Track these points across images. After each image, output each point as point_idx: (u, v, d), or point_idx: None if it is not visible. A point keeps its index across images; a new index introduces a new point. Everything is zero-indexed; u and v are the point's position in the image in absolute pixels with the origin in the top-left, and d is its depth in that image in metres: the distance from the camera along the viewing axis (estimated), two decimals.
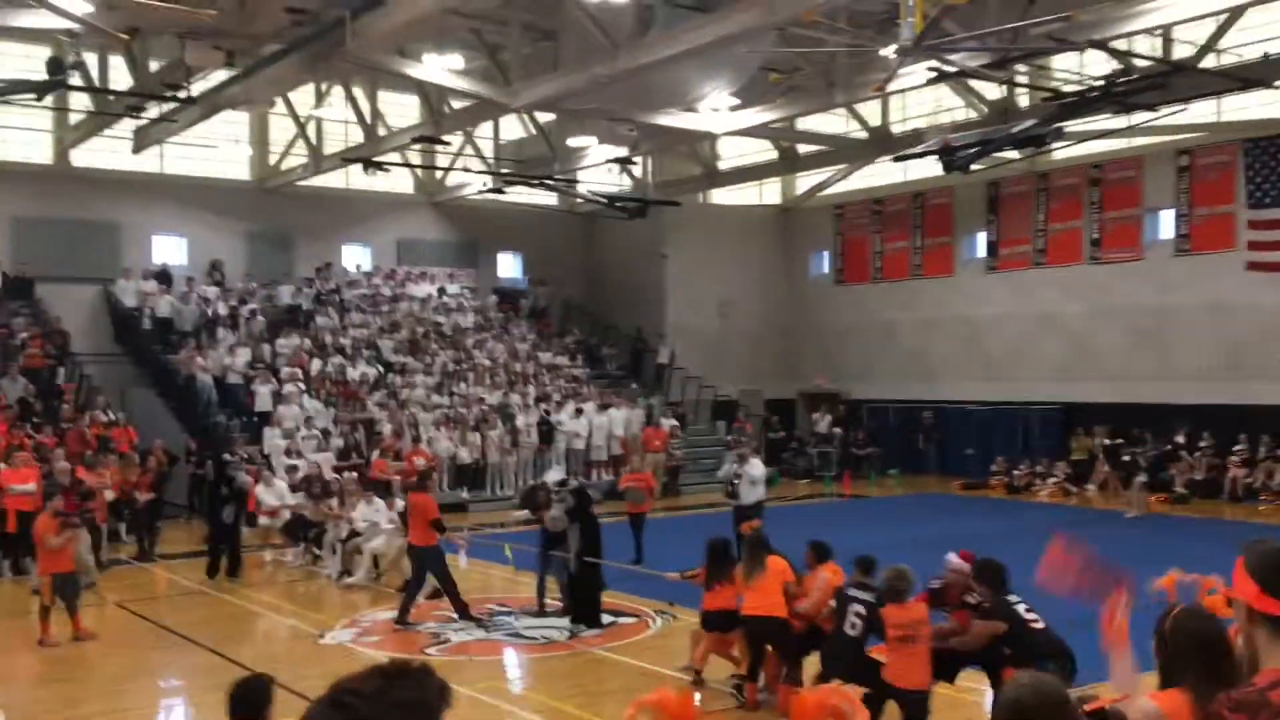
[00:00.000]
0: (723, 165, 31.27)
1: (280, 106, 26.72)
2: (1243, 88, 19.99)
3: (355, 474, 19.35)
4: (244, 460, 18.53)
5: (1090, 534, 17.99)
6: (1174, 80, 18.21)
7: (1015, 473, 26.20)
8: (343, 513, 16.26)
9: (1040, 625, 7.80)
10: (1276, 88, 20.39)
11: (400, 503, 15.54)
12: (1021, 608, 7.87)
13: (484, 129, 28.13)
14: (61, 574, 12.15)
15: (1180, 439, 24.20)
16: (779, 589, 9.33)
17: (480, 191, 28.84)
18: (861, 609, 8.32)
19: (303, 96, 26.58)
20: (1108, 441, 24.98)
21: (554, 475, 16.50)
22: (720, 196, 33.51)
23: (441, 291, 30.69)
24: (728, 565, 9.92)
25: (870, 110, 26.77)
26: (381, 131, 25.96)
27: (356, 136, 26.52)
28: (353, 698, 1.70)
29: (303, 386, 24.36)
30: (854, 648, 8.28)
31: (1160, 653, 3.42)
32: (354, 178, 28.94)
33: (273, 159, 29.40)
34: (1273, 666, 2.66)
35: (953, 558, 8.68)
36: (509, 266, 33.50)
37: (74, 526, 12.55)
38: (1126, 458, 22.88)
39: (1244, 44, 21.24)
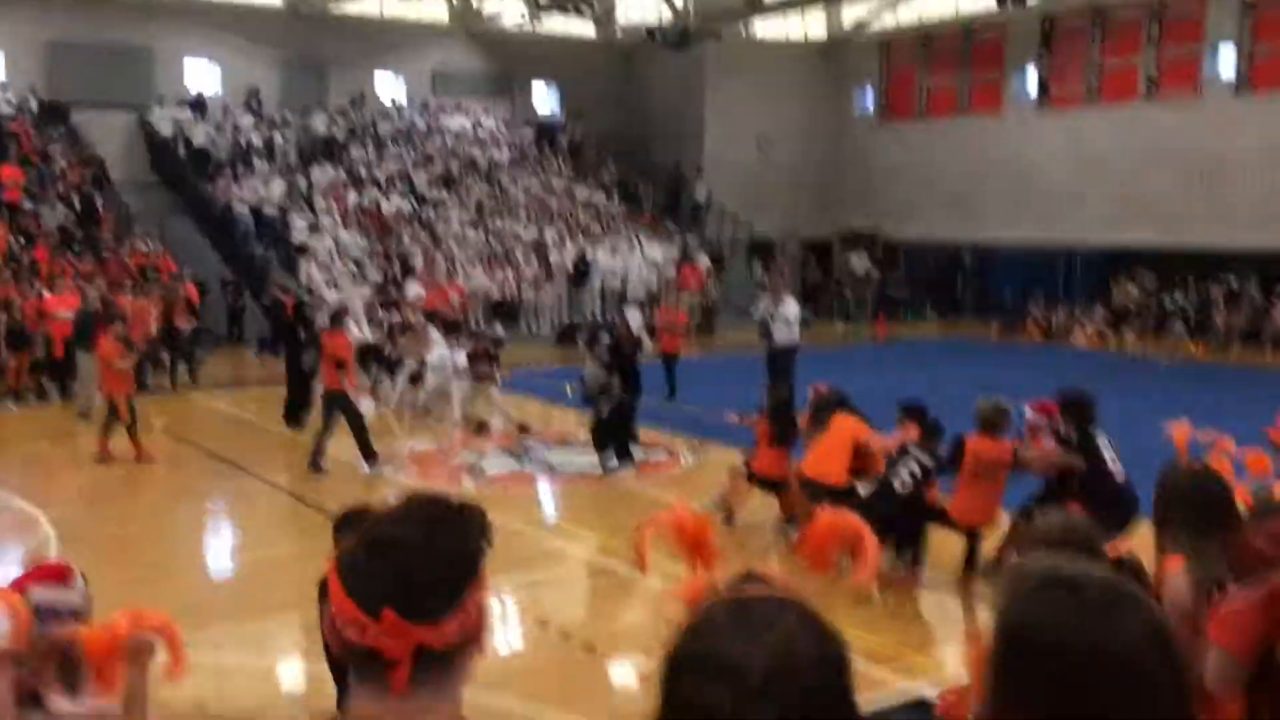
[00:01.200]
0: None
1: None
2: None
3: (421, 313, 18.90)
4: (284, 290, 18.50)
5: (1123, 382, 17.96)
6: None
7: (1053, 317, 25.98)
8: (419, 348, 15.58)
9: (1119, 476, 7.59)
10: None
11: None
12: (1107, 451, 7.68)
13: None
14: (129, 394, 12.52)
15: (1225, 286, 23.81)
16: (843, 452, 8.73)
17: (517, 23, 28.11)
18: (918, 469, 8.15)
19: None
20: (1145, 289, 24.63)
21: (633, 317, 15.92)
22: (763, 30, 32.45)
23: (477, 125, 30.24)
24: (790, 424, 9.55)
25: None
26: None
27: None
28: (396, 550, 1.62)
29: (338, 219, 24.34)
30: (897, 502, 8.11)
31: (1156, 510, 3.35)
32: (388, 4, 28.23)
33: None
34: None
35: (1029, 412, 8.36)
36: (545, 100, 32.87)
37: (136, 350, 12.87)
38: (1166, 304, 22.61)
39: None
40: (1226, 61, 24.33)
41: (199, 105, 26.59)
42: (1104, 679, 1.27)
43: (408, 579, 1.59)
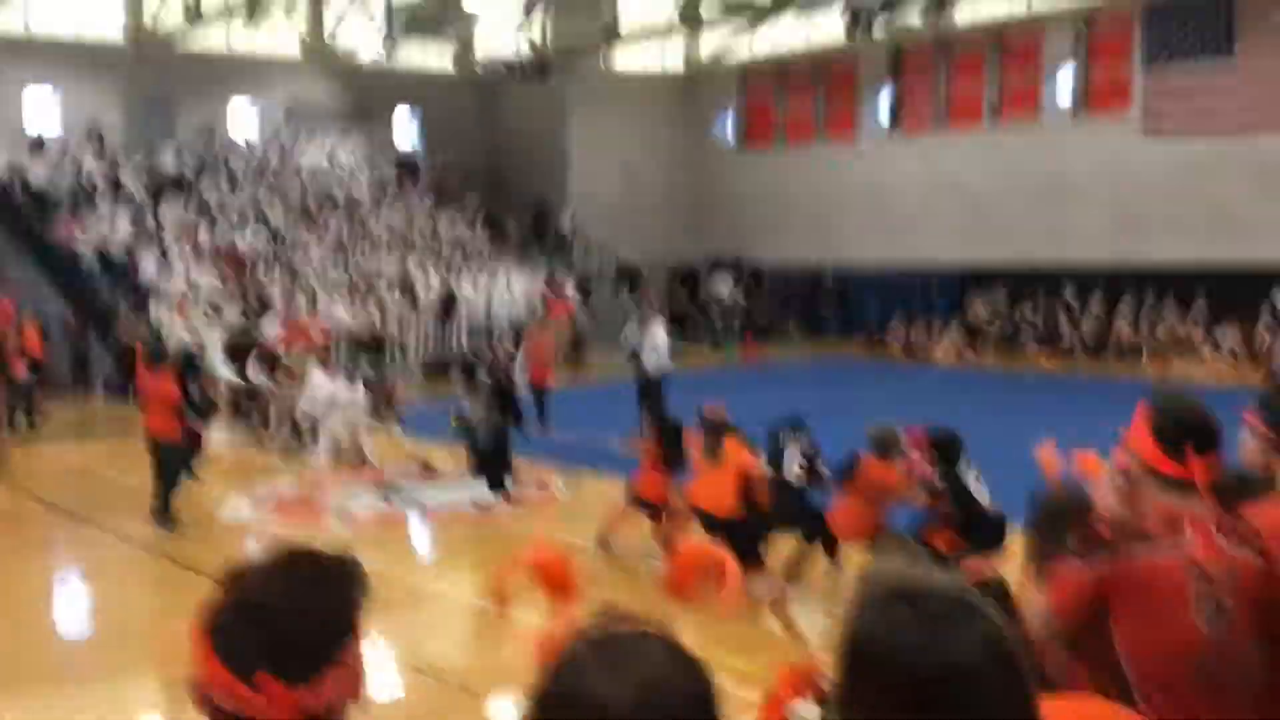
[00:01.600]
0: (624, 27, 30.46)
1: None
2: None
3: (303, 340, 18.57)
4: (133, 330, 17.71)
5: (980, 396, 18.54)
6: None
7: (913, 334, 26.72)
8: (295, 382, 15.15)
9: (986, 503, 7.66)
10: None
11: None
12: (973, 483, 7.72)
13: None
14: None
15: (1070, 300, 24.88)
16: (734, 483, 8.53)
17: (372, 55, 27.75)
18: (801, 457, 8.28)
19: None
20: (997, 306, 25.57)
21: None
22: (623, 63, 32.74)
23: (333, 158, 29.65)
24: (678, 447, 9.37)
25: None
26: None
27: None
28: (267, 611, 1.55)
29: (191, 258, 23.50)
30: (792, 493, 8.23)
31: (1026, 538, 3.46)
32: (236, 39, 27.50)
33: (147, 17, 27.70)
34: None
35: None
36: (405, 133, 32.48)
37: None
38: (1017, 320, 23.53)
39: None
40: (1064, 87, 25.51)
41: (37, 144, 25.42)
42: (941, 691, 1.28)
43: (282, 641, 1.53)
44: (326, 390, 14.21)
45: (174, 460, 11.21)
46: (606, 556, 9.48)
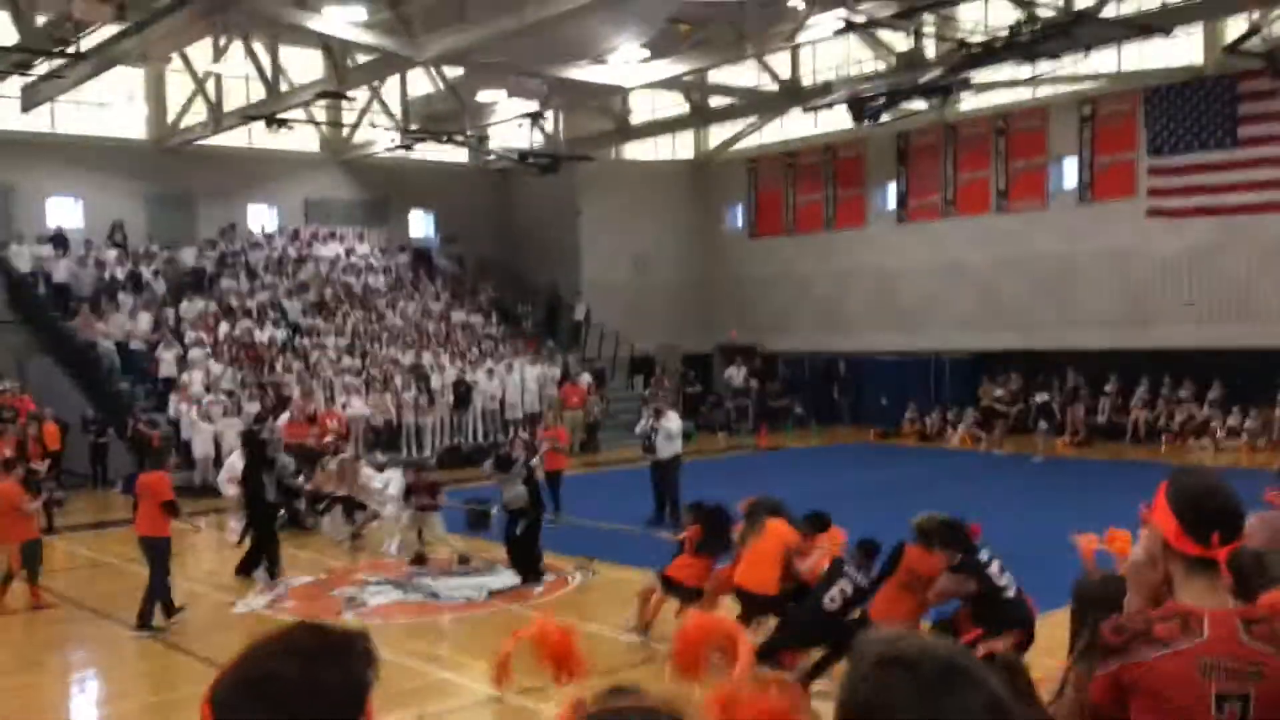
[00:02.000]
0: (634, 120, 31.07)
1: (177, 62, 25.83)
2: (1142, 35, 20.36)
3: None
4: (150, 425, 17.91)
5: (996, 480, 18.46)
6: (1076, 29, 18.47)
7: (927, 420, 26.68)
8: (344, 482, 15.60)
9: (1011, 592, 7.54)
10: (1175, 36, 20.80)
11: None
12: (994, 567, 7.61)
13: (391, 85, 27.50)
14: (31, 540, 11.92)
15: (1080, 384, 24.85)
16: (776, 560, 8.60)
17: (389, 149, 28.31)
18: (850, 589, 8.01)
19: (200, 51, 25.69)
20: (1010, 390, 25.55)
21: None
22: (633, 152, 33.31)
23: (351, 251, 30.11)
24: (723, 531, 9.35)
25: (780, 63, 26.73)
26: (284, 87, 25.21)
27: (258, 93, 25.73)
28: (274, 685, 1.50)
29: (209, 351, 23.78)
30: (823, 619, 7.99)
31: (1072, 622, 3.52)
32: (257, 136, 28.09)
33: (170, 117, 28.41)
34: (1178, 602, 2.63)
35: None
36: (421, 225, 33.00)
37: (39, 491, 12.89)
38: (1027, 402, 23.49)
39: None
40: (1070, 173, 25.82)
41: (59, 240, 25.91)
42: None
43: (290, 717, 1.48)
44: (382, 483, 14.66)
45: (160, 558, 11.06)
46: (643, 643, 9.44)
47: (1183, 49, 23.26)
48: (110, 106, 26.25)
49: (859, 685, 1.35)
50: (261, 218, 29.99)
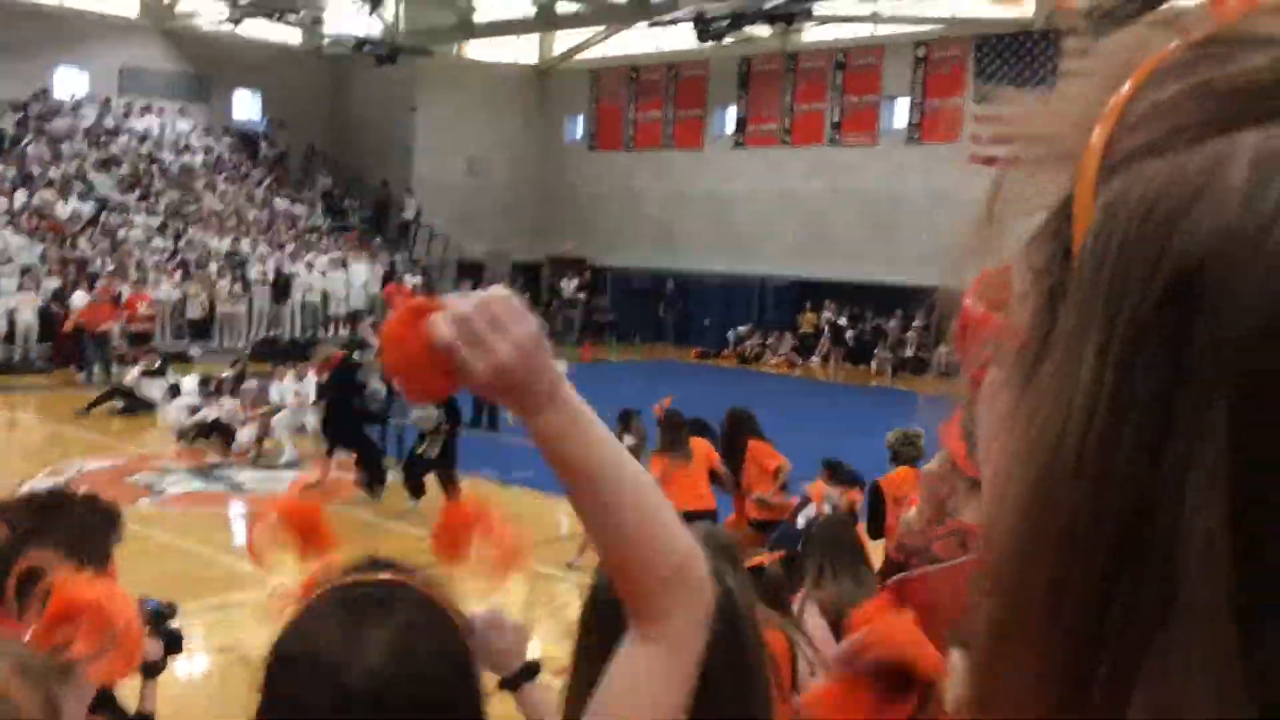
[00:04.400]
0: (478, 18, 30.24)
1: None
2: None
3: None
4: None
5: (827, 406, 19.12)
6: None
7: (748, 344, 27.36)
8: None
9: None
10: None
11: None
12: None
13: None
14: None
15: (895, 320, 25.93)
16: (705, 476, 7.99)
17: (216, 22, 26.79)
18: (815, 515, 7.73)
19: None
20: (835, 319, 26.44)
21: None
22: (475, 52, 32.48)
23: (167, 127, 28.49)
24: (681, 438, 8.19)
25: None
26: None
27: None
28: (9, 525, 1.57)
29: (5, 220, 22.26)
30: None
31: (804, 555, 3.88)
32: None
33: None
34: (960, 519, 2.79)
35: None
36: (246, 107, 31.43)
37: None
38: (854, 334, 24.41)
39: None
40: (901, 113, 26.56)
41: None
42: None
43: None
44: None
45: None
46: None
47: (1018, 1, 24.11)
48: None
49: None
50: (71, 83, 27.98)
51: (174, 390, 14.52)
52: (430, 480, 10.42)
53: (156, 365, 15.90)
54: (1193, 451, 0.37)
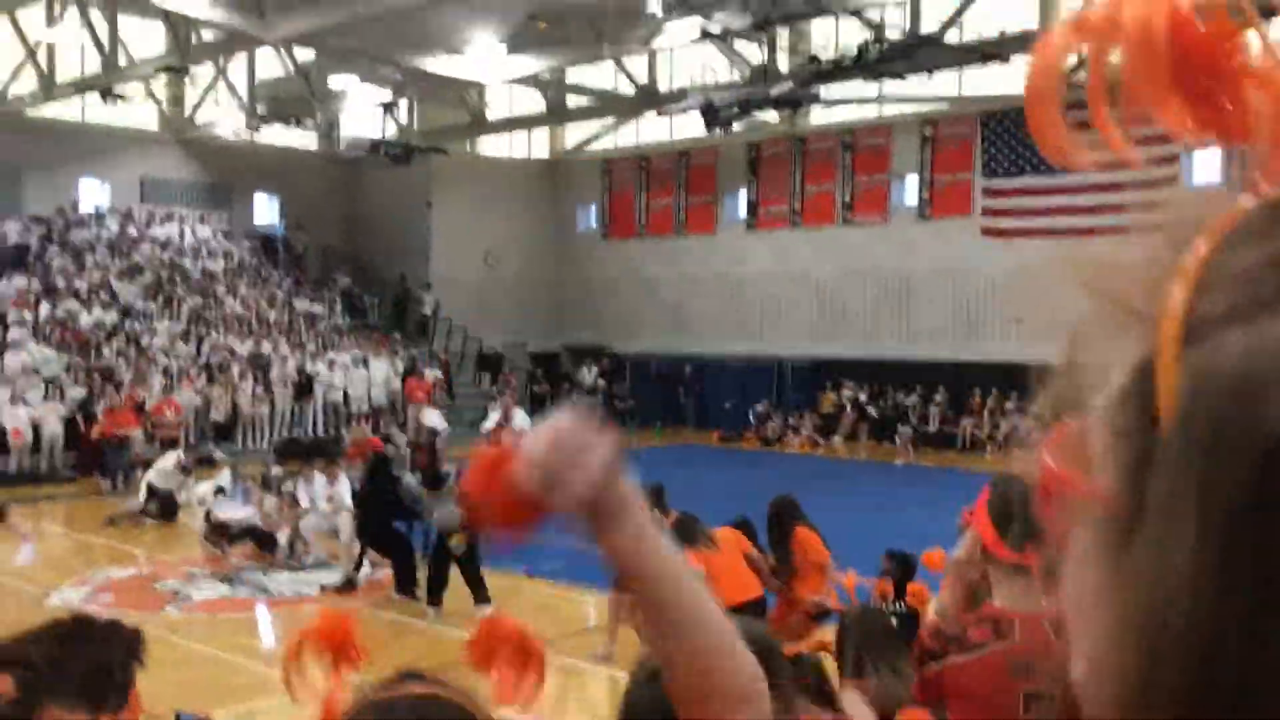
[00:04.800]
0: (490, 115, 30.86)
1: (6, 27, 24.46)
2: (982, 62, 21.31)
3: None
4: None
5: (858, 484, 18.98)
6: (920, 52, 19.23)
7: (769, 425, 27.28)
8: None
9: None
10: (1011, 63, 21.84)
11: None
12: None
13: (238, 65, 26.64)
14: None
15: (916, 395, 25.84)
16: (742, 562, 7.50)
17: (236, 133, 27.43)
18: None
19: (32, 16, 24.39)
20: (857, 396, 26.39)
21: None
22: (488, 148, 33.08)
23: (188, 234, 28.97)
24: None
25: (638, 66, 26.99)
26: (123, 60, 24.16)
27: (94, 65, 24.60)
28: (25, 670, 1.55)
29: (29, 331, 22.57)
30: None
31: (841, 646, 3.87)
32: (92, 110, 26.85)
33: None
34: (993, 604, 2.74)
35: None
36: (265, 212, 32.01)
37: None
38: (876, 411, 24.31)
39: (984, 22, 22.66)
40: (910, 190, 26.82)
41: None
42: None
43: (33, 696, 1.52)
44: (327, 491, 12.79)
45: None
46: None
47: (1020, 76, 24.38)
48: None
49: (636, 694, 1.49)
50: (94, 194, 28.60)
51: (218, 490, 14.30)
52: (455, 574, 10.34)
53: (187, 464, 15.99)
54: None
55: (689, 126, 27.97)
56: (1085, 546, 0.46)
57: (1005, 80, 24.54)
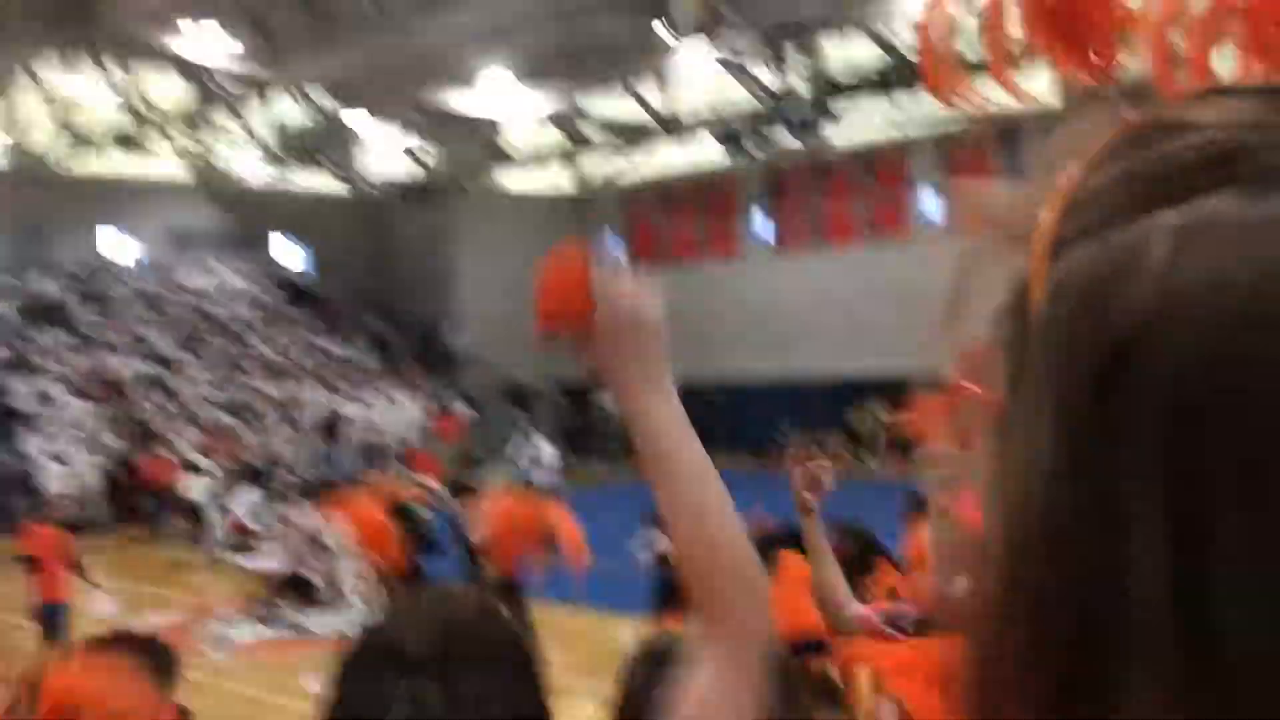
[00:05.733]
0: (511, 151, 31.08)
1: (29, 86, 24.92)
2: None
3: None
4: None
5: (869, 501, 18.89)
6: None
7: (800, 445, 27.16)
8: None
9: None
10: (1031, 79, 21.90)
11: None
12: None
13: (260, 110, 26.99)
14: None
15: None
16: (804, 596, 6.59)
17: (265, 183, 27.79)
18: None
19: (55, 75, 24.83)
20: (883, 416, 26.27)
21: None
22: (511, 183, 33.31)
23: (217, 282, 29.35)
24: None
25: (656, 98, 27.12)
26: (144, 111, 24.56)
27: (116, 119, 24.99)
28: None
29: (65, 386, 22.89)
30: None
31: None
32: (117, 163, 27.26)
33: (23, 141, 27.26)
34: None
35: None
36: (292, 256, 32.35)
37: None
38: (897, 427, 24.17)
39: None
40: (931, 207, 26.81)
41: None
42: None
43: None
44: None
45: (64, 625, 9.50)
46: None
47: (1039, 89, 24.39)
48: None
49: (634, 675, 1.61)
50: (123, 246, 28.99)
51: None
52: None
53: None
54: (1133, 523, 0.40)
55: (709, 151, 28.12)
56: (984, 450, 0.50)
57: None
